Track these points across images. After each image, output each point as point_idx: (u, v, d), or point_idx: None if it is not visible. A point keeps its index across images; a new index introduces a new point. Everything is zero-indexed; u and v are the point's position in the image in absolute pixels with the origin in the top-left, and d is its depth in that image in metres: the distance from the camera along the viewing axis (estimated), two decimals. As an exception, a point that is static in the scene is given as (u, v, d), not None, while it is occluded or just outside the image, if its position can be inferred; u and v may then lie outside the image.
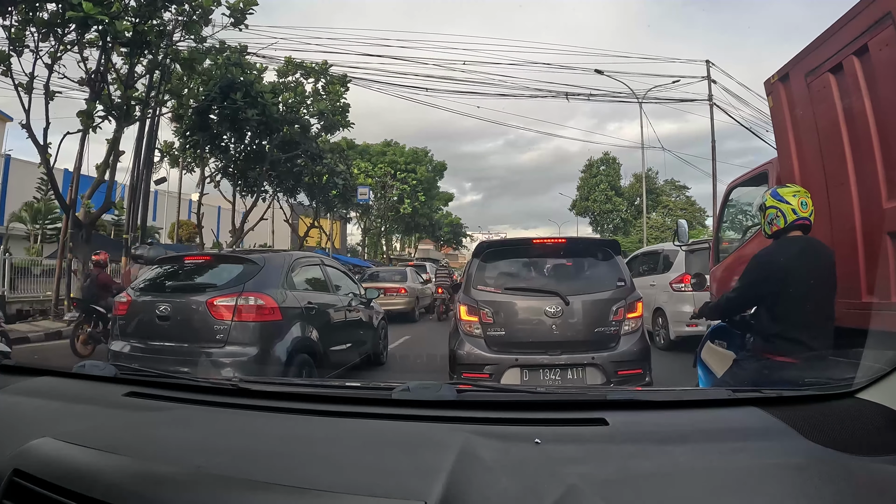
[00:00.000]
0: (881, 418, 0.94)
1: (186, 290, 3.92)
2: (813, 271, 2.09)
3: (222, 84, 12.11)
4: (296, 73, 14.35)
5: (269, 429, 1.01)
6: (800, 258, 2.10)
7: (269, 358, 3.47)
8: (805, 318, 2.07)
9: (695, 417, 1.03)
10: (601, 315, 3.56)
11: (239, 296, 3.53)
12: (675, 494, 0.75)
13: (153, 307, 3.67)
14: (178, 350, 3.53)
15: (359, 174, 27.74)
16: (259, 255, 4.11)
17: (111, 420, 1.06)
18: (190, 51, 10.39)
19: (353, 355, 4.84)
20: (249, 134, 13.75)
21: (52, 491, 0.78)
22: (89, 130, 8.92)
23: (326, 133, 15.65)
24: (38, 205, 16.97)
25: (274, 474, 0.78)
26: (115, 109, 8.94)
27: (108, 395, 1.20)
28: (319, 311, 4.19)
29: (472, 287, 3.73)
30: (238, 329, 3.48)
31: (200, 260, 4.37)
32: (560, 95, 16.52)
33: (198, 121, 12.80)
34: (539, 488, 0.74)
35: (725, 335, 2.70)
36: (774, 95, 3.28)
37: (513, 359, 3.48)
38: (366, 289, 5.70)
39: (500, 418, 1.00)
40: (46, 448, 0.88)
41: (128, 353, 3.64)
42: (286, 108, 14.04)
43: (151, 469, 0.82)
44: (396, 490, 0.75)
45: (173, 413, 1.09)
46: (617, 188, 41.29)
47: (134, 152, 10.81)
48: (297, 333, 3.75)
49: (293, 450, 0.91)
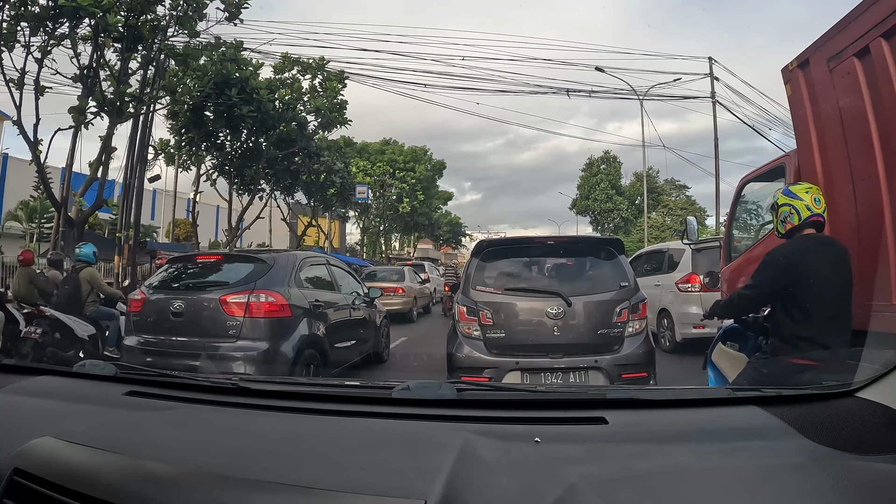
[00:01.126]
0: (881, 418, 0.95)
1: (199, 288, 4.14)
2: (831, 270, 2.08)
3: (217, 80, 12.09)
4: (292, 69, 14.31)
5: (270, 428, 1.02)
6: (818, 256, 2.08)
7: (279, 353, 3.65)
8: (825, 318, 2.05)
9: (695, 416, 1.05)
10: (604, 317, 3.45)
11: (251, 293, 3.72)
12: (674, 494, 0.76)
13: (167, 304, 3.86)
14: (191, 345, 3.71)
15: (357, 173, 27.78)
16: (269, 255, 4.32)
17: (111, 419, 1.08)
18: (184, 46, 10.36)
19: (357, 353, 4.98)
20: (245, 131, 13.72)
21: (52, 490, 0.79)
22: (81, 127, 8.90)
23: (323, 130, 15.61)
24: (33, 203, 16.93)
25: (274, 473, 0.79)
26: (107, 105, 8.92)
27: (109, 394, 1.22)
28: (325, 308, 4.37)
29: (471, 288, 3.63)
30: (249, 325, 3.67)
31: (212, 259, 4.62)
32: (561, 92, 16.53)
33: (193, 117, 12.77)
34: (539, 487, 0.76)
35: (738, 337, 2.65)
36: (793, 83, 3.08)
37: (513, 362, 3.39)
38: (368, 288, 5.79)
39: (500, 417, 1.02)
40: (47, 447, 0.89)
41: (141, 347, 3.83)
42: (283, 104, 14.01)
43: (152, 468, 0.83)
44: (397, 489, 0.76)
45: (174, 412, 1.10)
46: (618, 187, 41.40)
47: (127, 149, 10.80)
48: (304, 330, 3.93)
49: (293, 449, 0.93)
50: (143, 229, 20.73)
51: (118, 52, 9.32)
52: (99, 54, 8.94)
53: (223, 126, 13.25)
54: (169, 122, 13.24)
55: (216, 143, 13.94)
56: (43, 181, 9.23)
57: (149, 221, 21.61)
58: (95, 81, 8.97)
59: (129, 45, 9.11)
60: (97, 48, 8.84)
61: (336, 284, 4.93)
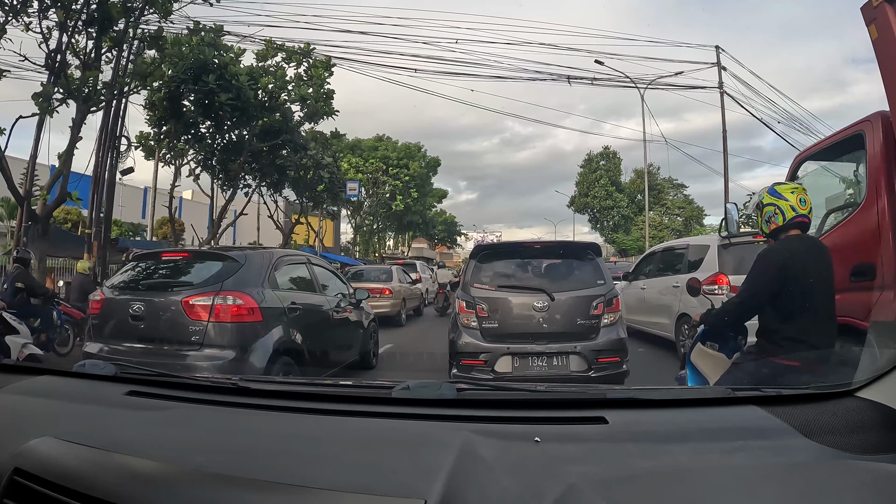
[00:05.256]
0: (881, 418, 0.99)
1: (161, 289, 3.90)
2: (816, 271, 2.17)
3: (194, 65, 11.76)
4: (276, 56, 14.08)
5: (270, 427, 1.06)
6: (804, 257, 2.17)
7: (247, 363, 3.45)
8: (810, 319, 2.14)
9: (695, 416, 1.08)
10: (583, 310, 4.21)
11: (216, 295, 3.50)
12: (674, 493, 0.79)
13: (127, 306, 3.65)
14: (151, 352, 3.50)
15: (349, 169, 27.67)
16: (240, 253, 4.10)
17: (111, 419, 1.11)
18: (157, 29, 10.19)
19: (341, 359, 4.86)
20: (226, 122, 13.49)
21: (52, 490, 0.82)
22: (47, 116, 8.73)
23: (309, 122, 15.41)
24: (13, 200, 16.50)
25: (274, 473, 0.83)
26: (75, 91, 8.75)
27: (109, 394, 1.25)
28: (304, 312, 4.19)
29: (470, 285, 4.42)
30: (215, 330, 3.46)
31: (178, 256, 4.33)
32: (561, 79, 16.48)
33: (170, 107, 12.48)
34: (539, 487, 0.78)
35: (717, 337, 2.73)
36: (880, 22, 2.66)
37: (505, 348, 4.13)
38: (355, 289, 5.70)
39: (500, 417, 1.05)
40: (47, 447, 0.92)
41: (102, 355, 3.61)
42: (266, 94, 13.76)
43: (152, 468, 0.87)
44: (397, 488, 0.79)
45: (174, 412, 1.14)
46: (618, 183, 41.67)
47: (98, 140, 10.59)
48: (278, 336, 3.73)
49: (293, 448, 0.96)
50: (133, 228, 20.42)
51: (87, 35, 9.16)
52: (67, 36, 8.78)
53: (202, 116, 13.00)
54: (147, 114, 12.99)
55: (197, 135, 13.65)
56: (3, 173, 9.05)
57: (140, 219, 21.30)
58: (64, 67, 8.81)
59: (99, 27, 8.95)
60: (64, 29, 8.69)
61: (317, 285, 4.77)
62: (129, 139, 12.16)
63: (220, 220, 14.49)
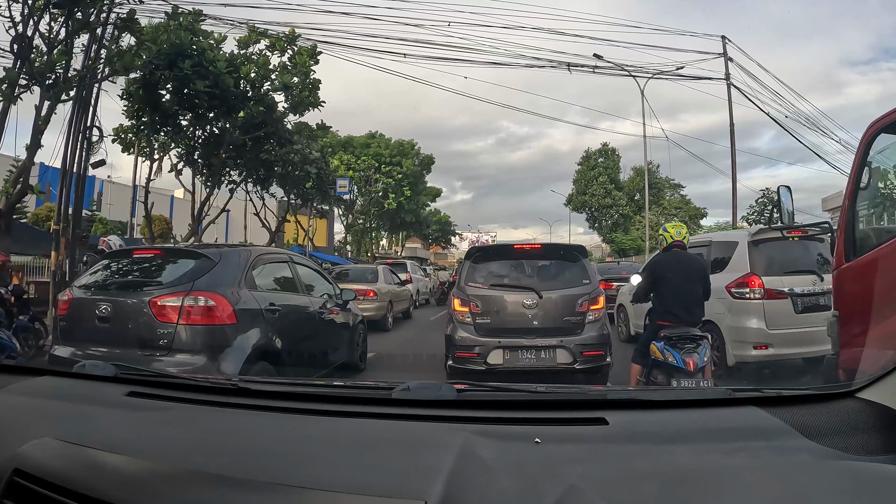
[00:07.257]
0: (881, 418, 1.02)
1: (129, 288, 3.85)
2: (681, 272, 3.83)
3: (169, 51, 11.38)
4: (259, 42, 13.89)
5: (270, 428, 1.09)
6: (673, 263, 3.88)
7: (221, 367, 3.39)
8: (676, 300, 3.79)
9: (695, 417, 1.13)
10: (569, 307, 4.75)
11: (186, 295, 3.42)
12: (675, 494, 0.83)
13: (93, 307, 3.58)
14: (118, 357, 3.36)
15: (340, 166, 27.58)
16: (215, 251, 4.02)
17: (111, 420, 1.14)
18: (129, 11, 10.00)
19: (326, 362, 4.82)
20: (207, 113, 13.25)
21: (52, 491, 0.84)
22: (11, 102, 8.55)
23: (294, 112, 15.20)
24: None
25: (274, 474, 0.86)
26: (38, 75, 8.56)
27: (109, 394, 1.28)
28: (285, 313, 4.12)
29: (465, 284, 4.99)
30: (184, 333, 3.38)
31: (150, 255, 4.25)
32: (560, 66, 16.41)
33: (146, 97, 12.20)
34: (539, 488, 0.82)
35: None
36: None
37: (496, 341, 4.66)
38: (342, 290, 5.67)
39: (500, 418, 1.09)
40: (46, 448, 0.94)
41: (68, 358, 3.52)
42: (247, 83, 13.55)
43: (152, 469, 0.90)
44: (396, 489, 0.82)
45: (174, 413, 1.17)
46: (616, 181, 41.92)
47: (67, 130, 10.39)
48: (255, 339, 3.65)
49: (293, 449, 0.99)
50: (120, 226, 20.07)
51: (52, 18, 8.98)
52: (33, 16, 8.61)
53: (179, 106, 12.75)
54: (124, 105, 12.73)
55: (176, 127, 13.35)
56: None
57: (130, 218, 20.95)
58: (30, 50, 8.63)
59: (68, 9, 8.79)
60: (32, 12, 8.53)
61: (300, 285, 4.70)
62: (101, 129, 11.91)
63: (199, 216, 14.28)
